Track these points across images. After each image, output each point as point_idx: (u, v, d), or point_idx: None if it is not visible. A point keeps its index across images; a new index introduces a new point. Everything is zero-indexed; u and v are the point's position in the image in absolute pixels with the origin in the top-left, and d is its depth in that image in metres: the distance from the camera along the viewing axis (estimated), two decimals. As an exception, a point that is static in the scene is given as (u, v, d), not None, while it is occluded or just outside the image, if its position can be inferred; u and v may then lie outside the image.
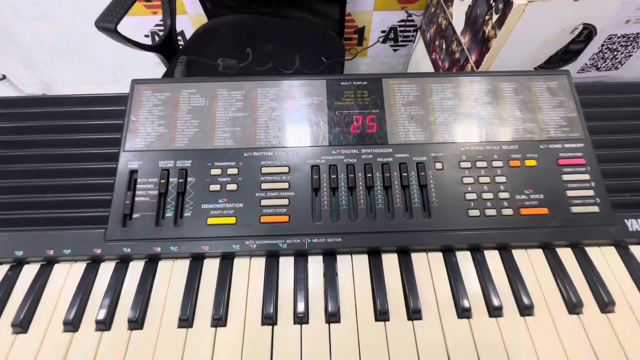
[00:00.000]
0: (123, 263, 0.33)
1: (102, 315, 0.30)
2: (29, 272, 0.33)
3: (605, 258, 0.33)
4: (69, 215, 0.34)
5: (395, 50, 1.61)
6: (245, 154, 0.35)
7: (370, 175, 0.34)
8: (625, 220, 0.33)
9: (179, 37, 1.20)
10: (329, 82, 0.38)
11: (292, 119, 0.36)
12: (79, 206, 0.34)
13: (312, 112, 0.37)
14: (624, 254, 0.33)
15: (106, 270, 0.33)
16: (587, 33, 0.88)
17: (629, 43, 0.91)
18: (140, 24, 1.55)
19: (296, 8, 1.24)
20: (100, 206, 0.34)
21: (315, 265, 0.33)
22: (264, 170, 0.34)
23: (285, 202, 0.33)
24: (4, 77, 1.50)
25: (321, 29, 1.22)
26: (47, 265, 0.33)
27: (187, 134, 0.36)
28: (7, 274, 0.33)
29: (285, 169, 0.35)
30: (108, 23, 0.85)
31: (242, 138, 0.36)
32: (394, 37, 1.60)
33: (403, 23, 1.50)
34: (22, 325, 0.30)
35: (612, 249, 0.34)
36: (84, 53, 1.81)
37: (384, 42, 1.62)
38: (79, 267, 0.33)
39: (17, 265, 0.33)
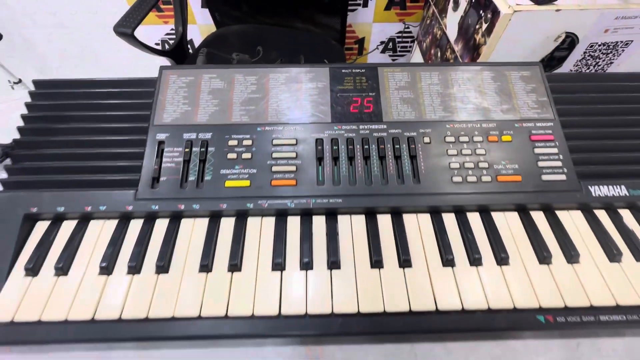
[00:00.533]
0: (150, 221, 0.38)
1: (133, 261, 0.35)
2: (67, 226, 0.38)
3: (572, 219, 0.38)
4: (104, 179, 0.39)
5: (393, 60, 1.69)
6: (258, 129, 0.40)
7: (367, 147, 0.39)
8: (590, 187, 0.38)
9: (188, 45, 1.27)
10: (332, 70, 0.43)
11: (300, 99, 0.42)
12: (112, 171, 0.39)
13: (316, 94, 0.42)
14: (589, 216, 0.38)
15: (135, 226, 0.38)
16: (570, 41, 0.94)
17: (609, 51, 0.97)
18: (152, 32, 1.63)
19: (300, 19, 1.31)
20: (131, 172, 0.39)
21: (319, 223, 0.38)
22: (275, 142, 0.40)
23: (293, 168, 0.38)
24: (20, 80, 1.57)
25: (323, 38, 1.28)
26: (83, 222, 0.38)
27: (208, 111, 0.41)
28: (48, 228, 0.37)
29: (293, 141, 0.40)
30: (126, 28, 0.92)
31: (256, 115, 0.41)
32: (393, 47, 1.68)
33: (401, 34, 1.58)
34: (63, 268, 0.34)
35: (579, 212, 0.39)
36: (95, 60, 1.89)
37: (382, 52, 1.70)
38: (112, 223, 0.38)
39: (57, 221, 0.38)
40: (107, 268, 0.34)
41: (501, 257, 0.35)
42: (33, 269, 0.34)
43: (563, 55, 0.97)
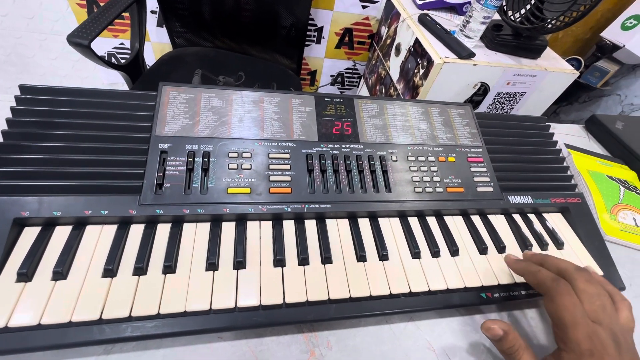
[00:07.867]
0: (151, 226, 0.40)
1: (140, 262, 0.36)
2: (60, 232, 0.37)
3: (498, 221, 0.50)
4: (102, 184, 0.39)
5: (342, 92, 1.87)
6: (255, 144, 0.46)
7: (348, 162, 0.47)
8: (509, 197, 0.52)
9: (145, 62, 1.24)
10: (317, 98, 0.51)
11: (291, 120, 0.49)
12: (111, 178, 0.40)
13: (305, 117, 0.49)
14: (509, 218, 0.51)
15: (136, 230, 0.39)
16: (484, 89, 1.18)
17: (511, 99, 1.24)
18: (100, 44, 1.56)
19: (260, 48, 1.38)
20: (131, 179, 0.41)
21: (311, 226, 0.44)
22: (271, 155, 0.45)
23: (288, 178, 0.44)
24: None
25: (282, 68, 1.37)
26: (78, 227, 0.38)
27: (209, 126, 0.45)
28: (40, 233, 0.37)
29: (287, 155, 0.46)
30: (82, 39, 0.89)
31: (253, 132, 0.46)
32: (341, 81, 1.85)
33: (350, 70, 1.76)
34: (62, 272, 0.34)
35: (502, 215, 0.51)
36: (24, 67, 1.72)
37: (332, 84, 1.86)
38: (110, 228, 0.39)
39: (48, 227, 0.37)
40: (111, 270, 0.35)
41: (453, 250, 0.45)
42: (27, 274, 0.34)
43: (479, 99, 1.20)
